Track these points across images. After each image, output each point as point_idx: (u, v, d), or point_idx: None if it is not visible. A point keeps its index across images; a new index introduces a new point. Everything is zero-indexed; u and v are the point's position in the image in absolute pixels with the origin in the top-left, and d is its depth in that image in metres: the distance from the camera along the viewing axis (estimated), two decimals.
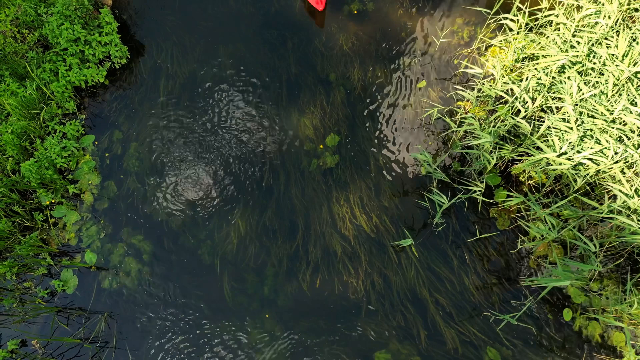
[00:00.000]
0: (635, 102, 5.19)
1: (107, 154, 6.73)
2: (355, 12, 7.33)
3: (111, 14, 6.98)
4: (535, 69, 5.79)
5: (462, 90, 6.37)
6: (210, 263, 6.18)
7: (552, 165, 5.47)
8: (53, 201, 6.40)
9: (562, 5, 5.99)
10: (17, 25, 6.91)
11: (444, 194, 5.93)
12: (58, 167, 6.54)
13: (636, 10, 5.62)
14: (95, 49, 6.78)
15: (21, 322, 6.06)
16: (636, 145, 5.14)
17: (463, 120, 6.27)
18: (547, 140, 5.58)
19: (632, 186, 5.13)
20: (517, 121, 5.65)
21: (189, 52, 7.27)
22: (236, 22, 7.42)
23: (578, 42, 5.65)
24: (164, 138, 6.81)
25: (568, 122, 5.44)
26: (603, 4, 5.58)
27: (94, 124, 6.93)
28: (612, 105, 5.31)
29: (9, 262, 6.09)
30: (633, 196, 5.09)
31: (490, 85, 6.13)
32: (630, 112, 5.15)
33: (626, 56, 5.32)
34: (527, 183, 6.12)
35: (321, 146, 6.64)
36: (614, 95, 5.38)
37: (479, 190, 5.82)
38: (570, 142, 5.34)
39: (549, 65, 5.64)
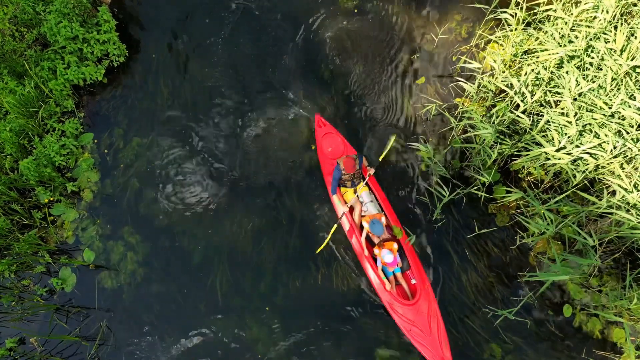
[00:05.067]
0: (634, 96, 5.17)
1: (106, 151, 6.71)
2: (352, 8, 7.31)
3: (109, 12, 6.97)
4: (534, 63, 5.78)
5: (463, 82, 6.35)
6: (207, 262, 6.16)
7: (551, 160, 5.45)
8: (52, 199, 6.40)
9: (560, 0, 5.98)
10: (16, 24, 6.91)
11: (443, 190, 5.90)
12: (57, 165, 6.53)
13: (634, 4, 5.60)
14: (93, 47, 6.77)
15: (20, 320, 6.04)
16: (635, 140, 5.12)
17: (463, 115, 6.26)
18: (546, 135, 5.56)
19: (631, 181, 5.11)
20: (517, 115, 5.63)
21: (188, 49, 7.25)
22: (235, 18, 7.42)
23: (576, 37, 5.63)
24: (164, 136, 6.79)
25: (567, 116, 5.43)
26: None
27: (92, 122, 6.92)
28: (611, 100, 5.29)
29: (8, 260, 6.08)
30: (632, 191, 5.07)
31: (490, 80, 6.12)
32: (629, 106, 5.13)
33: (624, 50, 5.30)
34: (526, 179, 6.10)
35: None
36: (612, 89, 5.36)
37: (484, 182, 5.79)
38: (569, 137, 5.32)
39: (547, 59, 5.62)
